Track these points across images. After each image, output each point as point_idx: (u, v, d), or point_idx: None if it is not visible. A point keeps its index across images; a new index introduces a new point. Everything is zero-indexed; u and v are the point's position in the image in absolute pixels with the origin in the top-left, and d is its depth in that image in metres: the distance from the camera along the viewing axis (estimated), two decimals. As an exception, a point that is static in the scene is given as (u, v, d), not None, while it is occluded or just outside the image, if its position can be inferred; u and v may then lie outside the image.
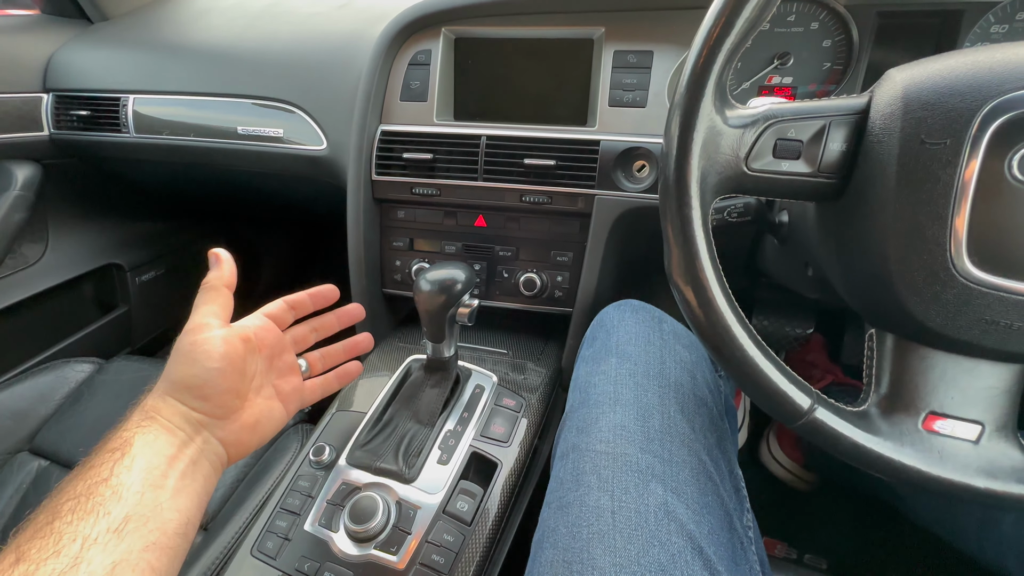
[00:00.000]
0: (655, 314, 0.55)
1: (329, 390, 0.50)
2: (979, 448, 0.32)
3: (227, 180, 0.99)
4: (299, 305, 0.48)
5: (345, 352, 0.51)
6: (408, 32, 0.72)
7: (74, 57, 0.95)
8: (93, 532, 0.30)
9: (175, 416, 0.37)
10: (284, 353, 0.46)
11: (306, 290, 0.48)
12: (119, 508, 0.31)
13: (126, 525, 0.31)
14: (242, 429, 0.40)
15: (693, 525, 0.37)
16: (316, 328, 0.49)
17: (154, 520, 0.33)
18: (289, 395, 0.45)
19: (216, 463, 0.39)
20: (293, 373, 0.46)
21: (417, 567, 0.49)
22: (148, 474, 0.34)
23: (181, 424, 0.37)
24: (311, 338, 0.49)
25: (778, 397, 0.34)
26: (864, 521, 0.87)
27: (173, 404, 0.38)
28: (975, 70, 0.30)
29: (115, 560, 0.30)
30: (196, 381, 0.38)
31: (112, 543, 0.30)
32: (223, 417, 0.39)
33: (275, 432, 0.44)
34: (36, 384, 0.81)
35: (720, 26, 0.32)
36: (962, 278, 0.30)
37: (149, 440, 0.35)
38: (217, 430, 0.39)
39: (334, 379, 0.50)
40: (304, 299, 0.48)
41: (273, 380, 0.45)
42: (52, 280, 1.03)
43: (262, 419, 0.42)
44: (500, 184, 0.68)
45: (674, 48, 0.63)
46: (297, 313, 0.48)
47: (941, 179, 0.30)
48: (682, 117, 0.34)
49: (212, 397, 0.38)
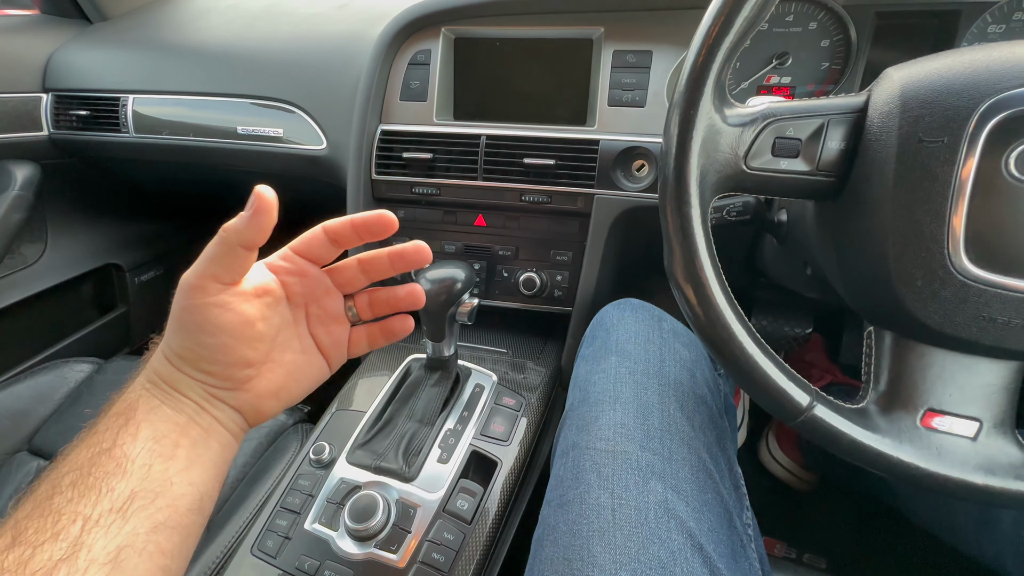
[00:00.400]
0: (655, 313, 0.55)
1: (375, 345, 0.41)
2: (977, 445, 0.32)
3: (227, 180, 0.99)
4: (341, 237, 0.36)
5: (400, 300, 0.40)
6: (408, 32, 0.72)
7: (73, 57, 0.95)
8: (95, 512, 0.27)
9: (179, 383, 0.32)
10: (324, 298, 0.37)
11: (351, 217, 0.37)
12: (123, 484, 0.28)
13: (131, 503, 0.28)
14: (259, 398, 0.34)
15: (693, 523, 0.37)
16: (366, 269, 0.38)
17: (164, 496, 0.29)
18: (331, 347, 0.38)
19: (235, 429, 0.34)
20: (337, 322, 0.38)
21: (418, 565, 0.49)
22: (156, 444, 0.30)
23: (188, 392, 0.32)
24: (360, 280, 0.38)
25: (777, 395, 0.34)
26: (863, 521, 0.87)
27: (175, 372, 0.33)
28: (972, 68, 0.30)
29: (119, 545, 0.27)
30: (191, 355, 0.32)
31: (116, 525, 0.27)
32: (233, 388, 0.34)
33: (310, 389, 0.38)
34: (35, 384, 0.81)
35: (719, 25, 0.33)
36: (960, 276, 0.30)
37: (155, 405, 0.31)
38: (230, 399, 0.34)
39: (380, 333, 0.41)
40: (346, 229, 0.36)
41: (312, 330, 0.37)
42: (51, 280, 1.03)
43: (288, 382, 0.35)
44: (500, 183, 0.69)
45: (673, 48, 0.64)
46: (341, 247, 0.37)
47: (939, 177, 0.30)
48: (681, 115, 0.34)
49: (214, 371, 0.33)
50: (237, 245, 0.32)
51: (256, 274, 0.35)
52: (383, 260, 0.38)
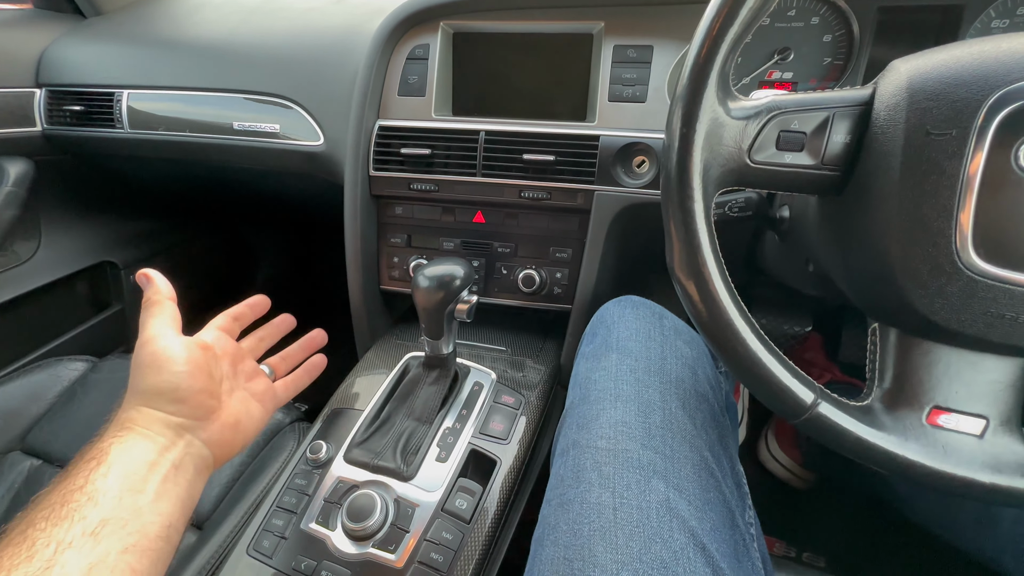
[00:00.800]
0: (655, 310, 0.55)
1: (301, 385, 0.52)
2: (983, 443, 0.32)
3: (222, 176, 0.98)
4: (241, 316, 0.50)
5: (303, 350, 0.54)
6: (406, 26, 0.71)
7: (67, 52, 0.94)
8: (67, 536, 0.30)
9: (153, 423, 0.37)
10: (244, 359, 0.48)
11: (244, 301, 0.51)
12: (95, 512, 0.31)
13: (103, 528, 0.31)
14: (224, 428, 0.41)
15: (695, 521, 0.36)
16: (262, 337, 0.52)
17: (133, 523, 0.32)
18: (263, 395, 0.46)
19: (201, 466, 0.39)
20: (259, 376, 0.48)
21: (416, 565, 0.48)
22: (126, 480, 0.33)
23: (160, 430, 0.37)
24: (260, 347, 0.51)
25: (781, 392, 0.33)
26: (862, 519, 0.87)
27: (148, 412, 0.38)
28: (981, 60, 0.29)
29: (91, 562, 0.29)
30: (167, 386, 0.38)
31: (88, 546, 0.30)
32: (203, 418, 0.40)
33: (258, 431, 0.45)
34: (29, 383, 0.80)
35: (723, 17, 0.32)
36: (967, 271, 0.29)
37: (126, 447, 0.35)
38: (200, 431, 0.39)
39: (303, 374, 0.52)
40: (244, 310, 0.50)
41: (242, 384, 0.46)
42: (45, 278, 1.02)
43: (242, 418, 0.43)
44: (499, 180, 0.68)
45: (674, 43, 0.63)
46: (241, 323, 0.50)
47: (946, 170, 0.29)
48: (685, 109, 0.34)
49: (188, 399, 0.39)
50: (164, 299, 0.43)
51: (195, 336, 0.44)
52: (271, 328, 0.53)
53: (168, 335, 0.40)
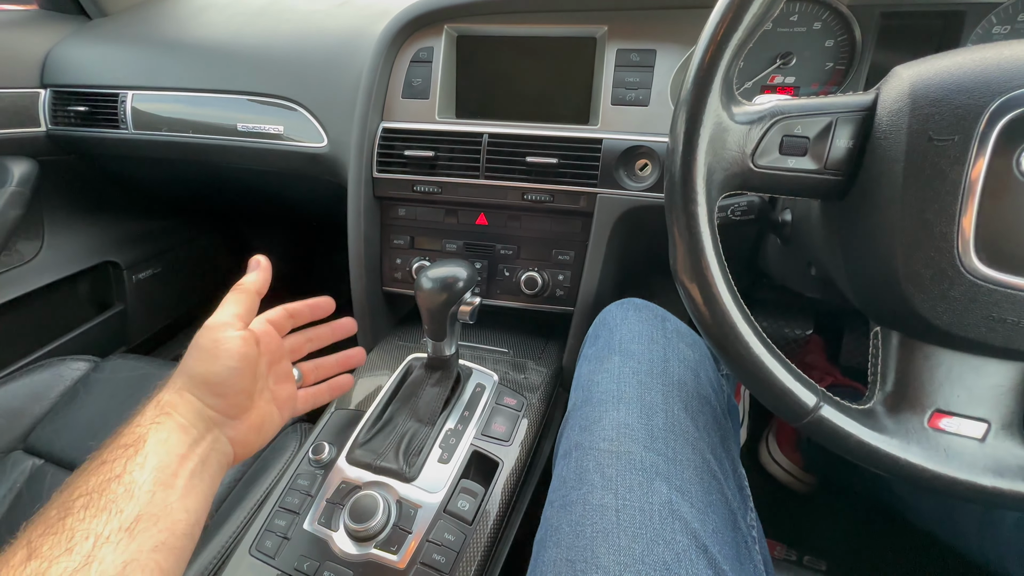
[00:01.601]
0: (658, 312, 0.55)
1: (319, 402, 0.51)
2: (985, 446, 0.32)
3: (226, 178, 0.98)
4: (298, 314, 0.48)
5: (338, 365, 0.53)
6: (410, 29, 0.71)
7: (72, 53, 0.95)
8: (105, 530, 0.30)
9: (190, 413, 0.38)
10: (282, 360, 0.47)
11: (305, 300, 0.49)
12: (131, 506, 0.31)
13: (137, 524, 0.31)
14: (250, 430, 0.41)
15: (698, 524, 0.36)
16: (311, 338, 0.50)
17: (164, 520, 0.33)
18: (284, 402, 0.46)
19: (223, 462, 0.39)
20: (288, 380, 0.47)
21: (418, 566, 0.48)
22: (160, 473, 0.34)
23: (195, 421, 0.38)
24: (306, 348, 0.50)
25: (783, 395, 0.34)
26: (864, 523, 0.87)
27: (190, 400, 0.38)
28: (983, 67, 0.30)
29: (126, 560, 0.30)
30: (216, 378, 0.39)
31: (124, 542, 0.30)
32: (235, 416, 0.40)
33: (273, 435, 0.45)
34: (31, 382, 0.80)
35: (727, 22, 0.32)
36: (969, 275, 0.30)
37: (162, 438, 0.35)
38: (228, 429, 0.40)
39: (325, 391, 0.51)
40: (303, 309, 0.49)
41: (271, 385, 0.45)
42: (48, 277, 1.03)
43: (266, 422, 0.43)
44: (502, 182, 0.68)
45: (677, 47, 0.63)
46: (296, 322, 0.49)
47: (949, 176, 0.30)
48: (688, 113, 0.34)
49: (228, 395, 0.39)
50: (254, 292, 0.43)
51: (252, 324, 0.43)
52: (325, 330, 0.51)
53: (236, 326, 0.40)
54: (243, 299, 0.42)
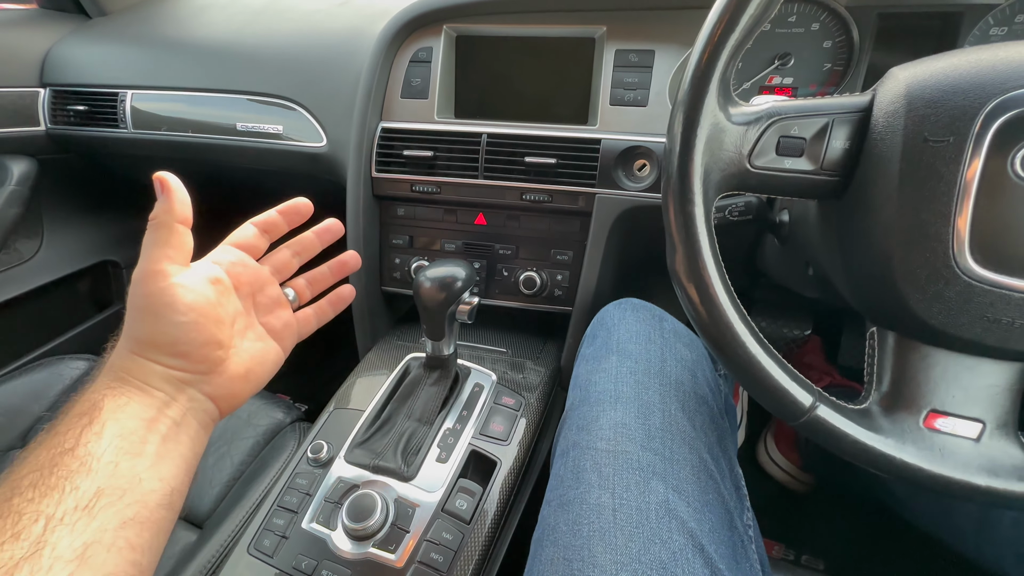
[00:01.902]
0: (655, 312, 0.55)
1: (324, 318, 0.44)
2: (980, 446, 0.32)
3: (225, 177, 0.98)
4: (272, 227, 0.40)
5: (333, 273, 0.45)
6: (409, 29, 0.72)
7: (72, 52, 0.95)
8: (58, 511, 0.26)
9: (150, 376, 0.32)
10: (266, 286, 0.40)
11: (276, 207, 0.41)
12: (88, 482, 0.27)
13: (98, 501, 0.27)
14: (232, 380, 0.35)
15: (694, 523, 0.37)
16: (297, 251, 0.42)
17: (132, 493, 0.28)
18: (281, 331, 0.40)
19: (205, 420, 0.34)
20: (281, 306, 0.40)
21: (416, 565, 0.48)
22: (123, 440, 0.29)
23: (159, 384, 0.32)
24: (293, 263, 0.42)
25: (780, 395, 0.34)
26: (861, 522, 0.87)
27: (143, 363, 0.32)
28: (978, 68, 0.30)
29: (86, 541, 0.26)
30: (165, 339, 0.32)
31: (82, 522, 0.26)
32: (208, 372, 0.34)
33: (273, 372, 0.39)
34: (30, 381, 0.80)
35: (724, 23, 0.32)
36: (964, 276, 0.30)
37: (121, 403, 0.30)
38: (204, 385, 0.34)
39: (327, 305, 0.44)
40: (275, 218, 0.41)
41: (260, 318, 0.39)
42: (47, 276, 1.03)
43: (254, 365, 0.37)
44: (501, 182, 0.68)
45: (676, 47, 0.64)
46: (271, 236, 0.41)
47: (944, 177, 0.30)
48: (686, 114, 0.34)
49: (190, 353, 0.33)
50: (174, 222, 0.33)
51: (204, 266, 0.36)
52: (310, 237, 0.43)
53: (168, 273, 0.32)
54: (164, 235, 0.33)
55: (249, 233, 0.40)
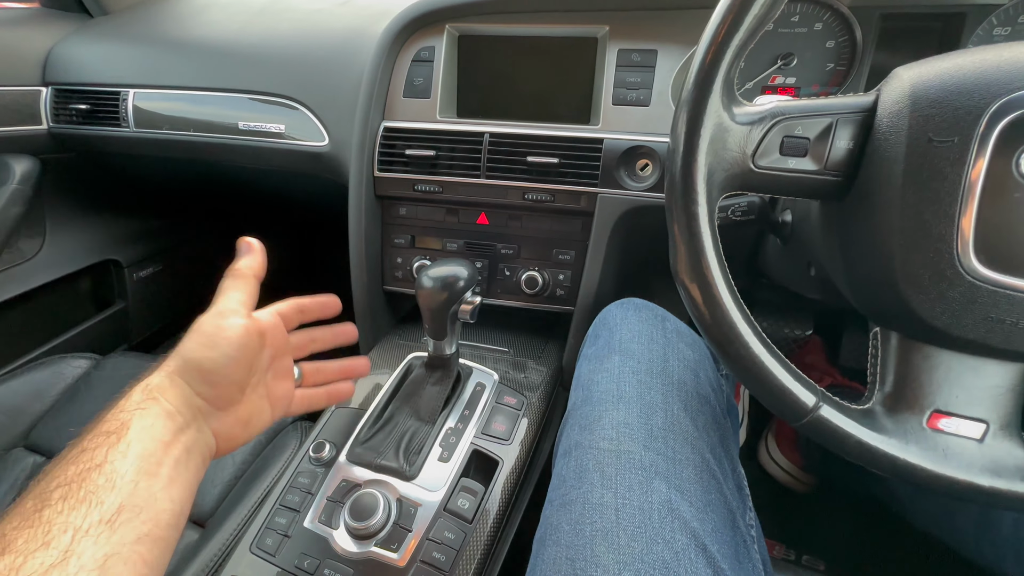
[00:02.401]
0: (658, 312, 0.55)
1: (314, 406, 0.48)
2: (984, 447, 0.32)
3: (227, 176, 0.98)
4: (307, 309, 0.47)
5: (340, 371, 0.50)
6: (412, 29, 0.72)
7: (74, 51, 0.95)
8: (84, 523, 0.28)
9: (178, 399, 0.36)
10: (286, 355, 0.45)
11: (315, 296, 0.47)
12: (112, 497, 0.30)
13: (119, 516, 0.30)
14: (236, 423, 0.39)
15: (697, 523, 0.37)
16: (314, 339, 0.48)
17: (148, 511, 0.31)
18: (279, 399, 0.44)
19: (206, 454, 0.38)
20: (287, 378, 0.45)
21: (418, 565, 0.48)
22: (143, 461, 0.32)
23: (181, 408, 0.36)
24: (309, 347, 0.48)
25: (783, 395, 0.34)
26: (862, 523, 0.87)
27: (180, 385, 0.36)
28: (983, 68, 0.30)
29: (107, 553, 0.28)
30: (212, 365, 0.37)
31: (104, 535, 0.29)
32: (222, 408, 0.38)
33: (260, 432, 0.42)
34: (32, 380, 0.81)
35: (728, 22, 0.32)
36: (968, 276, 0.30)
37: (147, 424, 0.33)
38: (213, 420, 0.38)
39: (324, 395, 0.49)
40: (313, 305, 0.47)
41: (269, 380, 0.43)
42: (49, 275, 1.03)
43: (254, 417, 0.41)
44: (503, 182, 0.68)
45: (679, 47, 0.64)
46: (304, 317, 0.47)
47: (948, 177, 0.30)
48: (689, 114, 0.34)
49: (220, 385, 0.37)
50: (251, 276, 0.41)
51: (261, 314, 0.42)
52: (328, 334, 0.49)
53: (241, 314, 0.39)
54: (243, 285, 0.40)
55: (288, 308, 0.46)
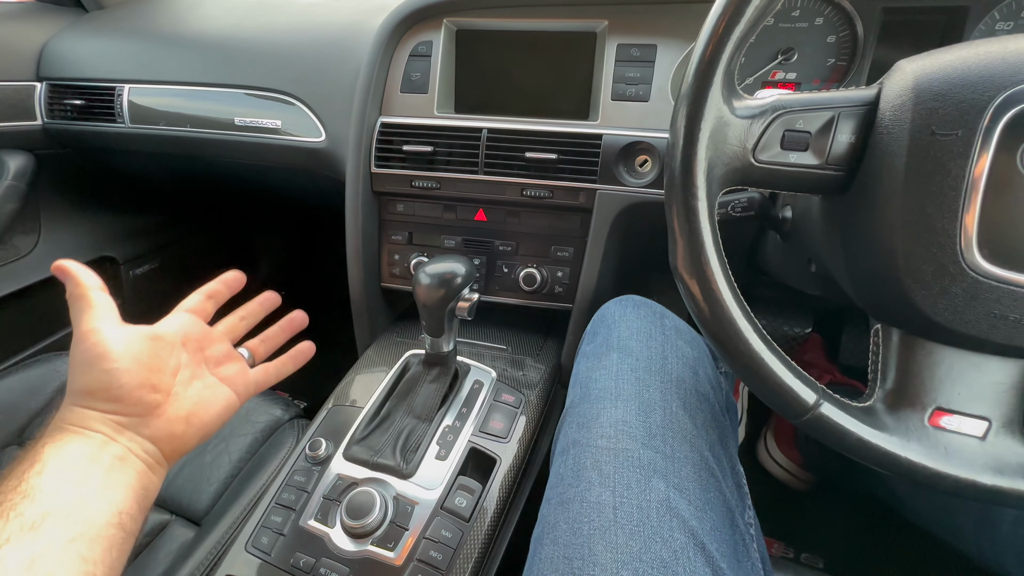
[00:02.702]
0: (656, 310, 0.54)
1: (284, 372, 0.48)
2: (986, 444, 0.32)
3: (223, 172, 0.97)
4: (215, 293, 0.46)
5: (283, 332, 0.50)
6: (409, 23, 0.71)
7: (68, 46, 0.94)
8: (3, 534, 0.29)
9: (88, 420, 0.35)
10: (215, 343, 0.44)
11: (217, 278, 0.47)
12: (32, 508, 0.30)
13: (43, 521, 0.30)
14: (172, 423, 0.38)
15: (695, 521, 0.36)
16: (243, 316, 0.48)
17: (78, 512, 0.31)
18: (234, 379, 0.44)
19: (150, 461, 0.37)
20: (232, 360, 0.45)
21: (415, 563, 0.48)
22: (64, 473, 0.32)
23: (97, 427, 0.35)
24: (241, 327, 0.48)
25: (783, 392, 0.33)
26: (861, 521, 0.87)
27: (81, 412, 0.35)
28: (987, 61, 0.29)
29: (33, 555, 0.28)
30: (98, 385, 0.35)
31: (28, 540, 0.29)
32: (144, 414, 0.37)
33: (222, 417, 0.42)
34: (27, 377, 0.80)
35: (729, 15, 0.32)
36: (971, 271, 0.29)
37: (60, 447, 0.33)
38: (142, 428, 0.37)
39: (288, 359, 0.49)
40: (218, 287, 0.47)
41: (211, 369, 0.43)
42: (44, 272, 1.02)
43: (197, 409, 0.40)
44: (501, 178, 0.68)
45: (678, 42, 0.63)
46: (216, 301, 0.46)
47: (952, 171, 0.29)
48: (689, 107, 0.34)
49: (123, 397, 0.36)
50: (87, 291, 0.38)
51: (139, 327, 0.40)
52: (254, 305, 0.49)
53: (103, 329, 0.36)
54: (84, 304, 0.38)
55: (196, 300, 0.45)
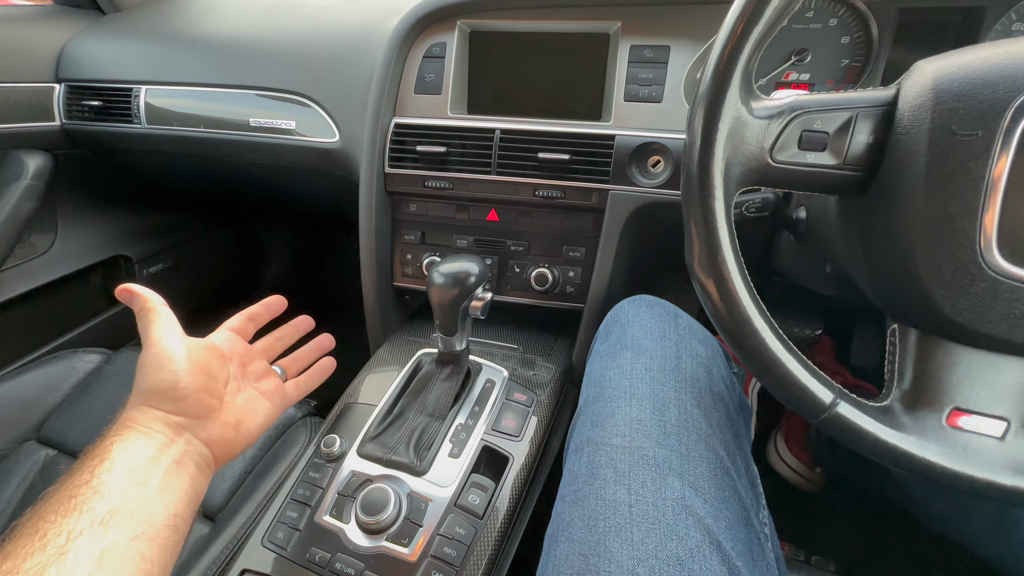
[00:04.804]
0: (670, 309, 0.54)
1: (311, 386, 0.53)
2: (1005, 445, 0.32)
3: (238, 173, 0.99)
4: (256, 316, 0.51)
5: (312, 352, 0.56)
6: (423, 25, 0.71)
7: (86, 48, 0.95)
8: (77, 526, 0.31)
9: (152, 421, 0.38)
10: (255, 360, 0.49)
11: (259, 303, 0.53)
12: (102, 504, 0.32)
13: (111, 518, 0.32)
14: (224, 427, 0.42)
15: (711, 520, 0.36)
16: (279, 338, 0.53)
17: (140, 513, 0.33)
18: (272, 393, 0.48)
19: (202, 464, 0.40)
20: (269, 376, 0.49)
21: (429, 559, 0.48)
22: (129, 474, 0.35)
23: (159, 428, 0.38)
24: (277, 347, 0.53)
25: (800, 391, 0.33)
26: (873, 523, 0.87)
27: (148, 411, 0.39)
28: (1008, 61, 0.29)
29: (102, 549, 0.31)
30: (166, 384, 0.39)
31: (98, 534, 0.31)
32: (202, 417, 0.40)
33: (263, 428, 0.46)
34: (44, 373, 0.81)
35: (748, 16, 0.32)
36: (992, 271, 0.29)
37: (127, 445, 0.36)
38: (199, 431, 0.40)
39: (314, 375, 0.54)
40: (259, 309, 0.52)
41: (252, 384, 0.47)
42: (61, 270, 1.04)
43: (244, 418, 0.44)
44: (513, 178, 0.68)
45: (691, 43, 0.63)
46: (256, 323, 0.51)
47: (972, 171, 0.29)
48: (707, 107, 0.34)
49: (186, 397, 0.39)
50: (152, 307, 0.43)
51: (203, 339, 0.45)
52: (289, 328, 0.55)
53: (170, 337, 0.41)
54: (155, 316, 0.42)
55: (238, 320, 0.50)
